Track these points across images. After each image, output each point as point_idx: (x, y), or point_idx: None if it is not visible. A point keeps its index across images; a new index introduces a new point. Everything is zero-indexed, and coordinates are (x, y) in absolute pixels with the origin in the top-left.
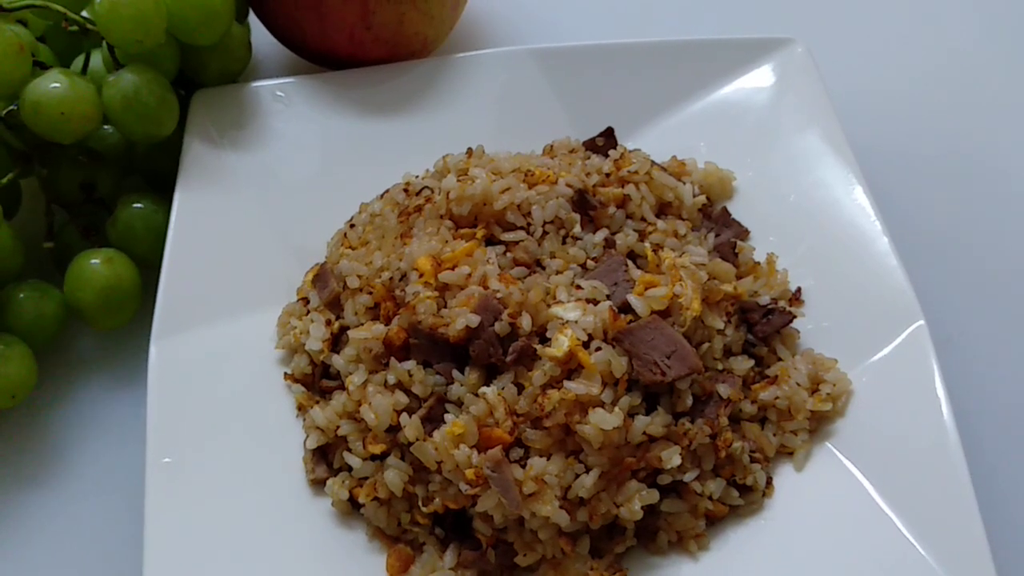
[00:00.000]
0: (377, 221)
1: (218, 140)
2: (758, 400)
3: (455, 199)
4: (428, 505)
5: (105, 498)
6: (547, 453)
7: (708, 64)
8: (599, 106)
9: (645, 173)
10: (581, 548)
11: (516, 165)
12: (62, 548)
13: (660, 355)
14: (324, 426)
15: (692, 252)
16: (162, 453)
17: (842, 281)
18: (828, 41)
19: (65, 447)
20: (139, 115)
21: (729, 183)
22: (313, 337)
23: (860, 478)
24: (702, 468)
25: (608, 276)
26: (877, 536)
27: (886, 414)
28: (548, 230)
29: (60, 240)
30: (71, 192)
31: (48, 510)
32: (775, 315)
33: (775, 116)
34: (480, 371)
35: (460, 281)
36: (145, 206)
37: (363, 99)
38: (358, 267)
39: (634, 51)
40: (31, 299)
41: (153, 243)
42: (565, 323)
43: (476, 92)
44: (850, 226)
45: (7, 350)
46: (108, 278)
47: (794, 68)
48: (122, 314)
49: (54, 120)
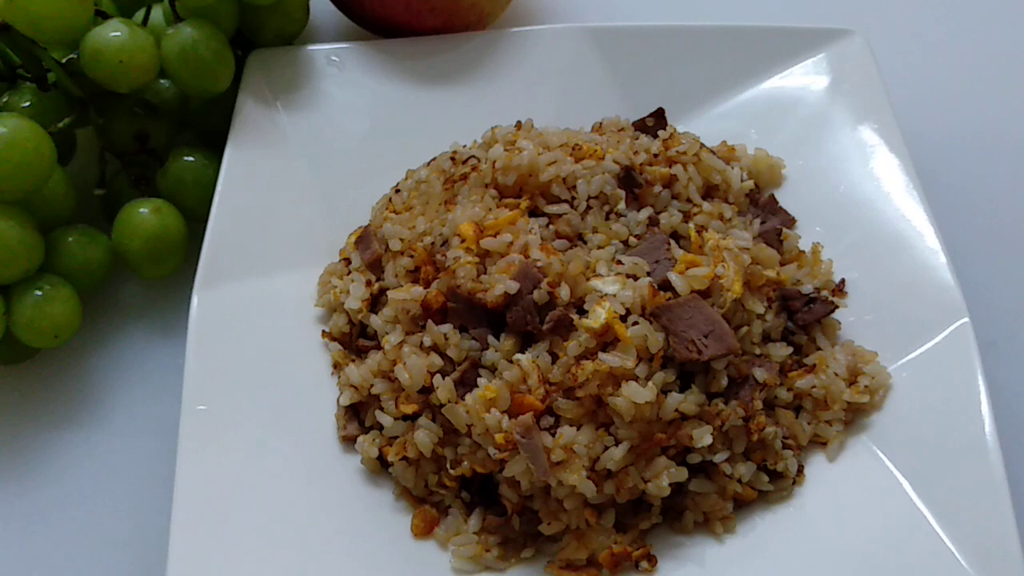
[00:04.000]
0: (422, 187)
1: (271, 100)
2: (794, 388)
3: (501, 168)
4: (456, 468)
5: (139, 441)
6: (578, 423)
7: (764, 51)
8: (651, 88)
9: (694, 154)
10: (606, 521)
11: (564, 140)
12: (93, 487)
13: (697, 333)
14: (358, 384)
15: (736, 236)
16: (197, 400)
17: (887, 275)
18: (888, 33)
19: (103, 390)
20: (195, 69)
21: (778, 171)
22: (353, 296)
23: (895, 473)
24: (733, 450)
25: (650, 253)
26: (908, 532)
27: (924, 411)
28: (592, 205)
29: (111, 188)
30: (125, 142)
31: (82, 449)
32: (817, 304)
33: (829, 107)
34: (515, 338)
35: (501, 248)
36: (196, 160)
37: (416, 68)
38: (401, 231)
39: (690, 34)
40: (80, 243)
41: (201, 196)
42: (604, 296)
43: (529, 67)
44: (899, 220)
45: (54, 291)
46: (156, 227)
47: (851, 59)
48: (167, 264)
49: (113, 68)
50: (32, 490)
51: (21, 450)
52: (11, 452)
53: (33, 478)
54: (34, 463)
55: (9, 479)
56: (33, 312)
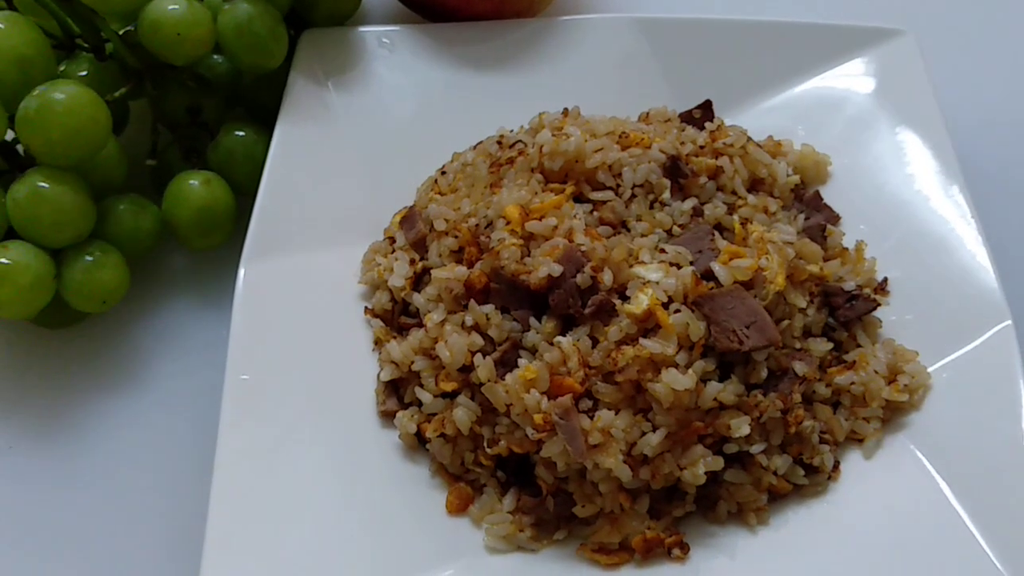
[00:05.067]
0: (468, 170)
1: (322, 79)
2: (833, 384)
3: (548, 153)
4: (493, 447)
5: (179, 410)
6: (616, 407)
7: (814, 48)
8: (699, 80)
9: (740, 147)
10: (640, 506)
11: (611, 128)
12: (133, 452)
13: (739, 324)
14: (399, 360)
15: (780, 229)
16: (241, 370)
17: (931, 275)
18: (939, 33)
19: (147, 358)
20: (250, 44)
21: (825, 167)
22: (397, 274)
23: (933, 472)
24: (770, 442)
25: (693, 243)
26: (944, 533)
27: (964, 412)
28: (637, 193)
29: (162, 159)
30: (178, 114)
31: (125, 414)
32: (859, 301)
33: (877, 106)
34: (557, 321)
35: (546, 232)
36: (247, 135)
37: (466, 53)
38: (446, 211)
39: (740, 28)
40: (130, 212)
41: (251, 171)
42: (646, 283)
43: (578, 56)
44: (944, 221)
45: (103, 257)
46: (205, 199)
47: (901, 60)
48: (214, 236)
49: (169, 40)
50: (74, 454)
51: (64, 413)
52: (54, 414)
53: (74, 442)
54: (76, 426)
55: (51, 441)
56: (83, 277)
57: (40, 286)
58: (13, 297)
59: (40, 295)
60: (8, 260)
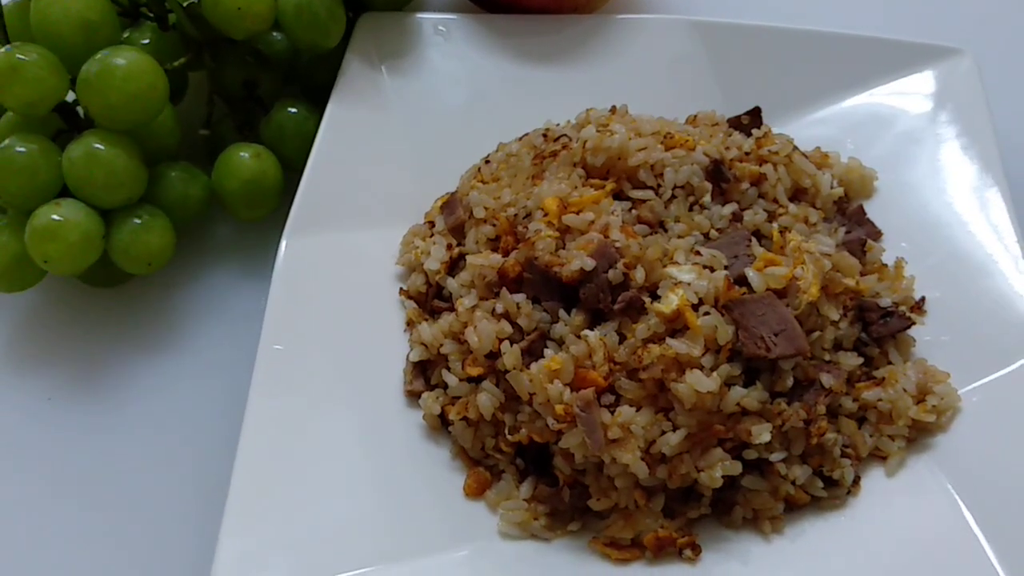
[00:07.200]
0: (512, 161)
1: (376, 62)
2: (860, 399)
3: (591, 149)
4: (514, 434)
5: (214, 374)
6: (638, 404)
7: (869, 62)
8: (751, 87)
9: (786, 155)
10: (655, 504)
11: (656, 128)
12: (168, 411)
13: (768, 331)
14: (429, 342)
15: (819, 240)
16: (275, 340)
17: (969, 298)
18: (999, 54)
19: (187, 321)
20: (308, 23)
21: (870, 182)
22: (433, 257)
23: (955, 496)
24: (790, 452)
25: (730, 248)
26: (962, 558)
27: (991, 437)
28: (677, 194)
29: (216, 131)
30: (234, 88)
31: (161, 374)
32: (893, 318)
33: (930, 125)
34: (586, 314)
35: (582, 226)
36: (299, 112)
37: (520, 45)
38: (487, 199)
39: (795, 37)
40: (180, 179)
41: (300, 147)
42: (678, 283)
43: (631, 55)
44: (987, 246)
45: (151, 220)
46: (254, 171)
47: (958, 79)
48: (261, 208)
49: (230, 14)
50: (108, 409)
51: (103, 369)
52: (94, 369)
53: (110, 397)
54: (113, 382)
55: (88, 395)
56: (130, 238)
57: (88, 244)
58: (63, 253)
59: (88, 253)
60: (60, 217)
